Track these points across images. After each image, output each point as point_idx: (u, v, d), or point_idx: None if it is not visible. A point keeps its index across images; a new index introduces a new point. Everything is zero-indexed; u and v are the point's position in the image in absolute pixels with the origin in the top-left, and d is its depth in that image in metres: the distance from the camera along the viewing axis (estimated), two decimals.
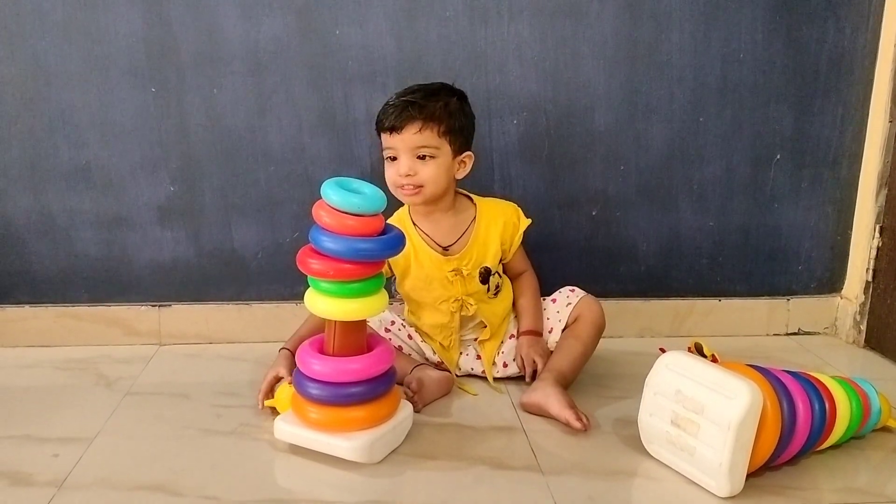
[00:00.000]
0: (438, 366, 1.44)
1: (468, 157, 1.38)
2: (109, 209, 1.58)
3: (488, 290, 1.42)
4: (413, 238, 1.40)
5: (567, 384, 1.34)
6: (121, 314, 1.61)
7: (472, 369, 1.45)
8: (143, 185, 1.57)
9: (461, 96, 1.38)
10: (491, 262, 1.42)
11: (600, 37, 1.56)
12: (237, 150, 1.57)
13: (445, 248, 1.41)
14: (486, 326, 1.44)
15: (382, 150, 1.37)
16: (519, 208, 1.46)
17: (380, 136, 1.37)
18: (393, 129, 1.32)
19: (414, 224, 1.42)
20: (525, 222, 1.45)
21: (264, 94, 1.55)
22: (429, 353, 1.45)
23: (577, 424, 1.23)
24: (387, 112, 1.33)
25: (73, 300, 1.61)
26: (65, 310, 1.60)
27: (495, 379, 1.43)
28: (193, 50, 1.52)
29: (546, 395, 1.28)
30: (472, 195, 1.46)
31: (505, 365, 1.44)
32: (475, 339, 1.46)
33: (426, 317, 1.44)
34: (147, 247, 1.60)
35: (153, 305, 1.62)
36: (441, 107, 1.33)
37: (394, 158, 1.34)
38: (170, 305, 1.62)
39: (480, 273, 1.41)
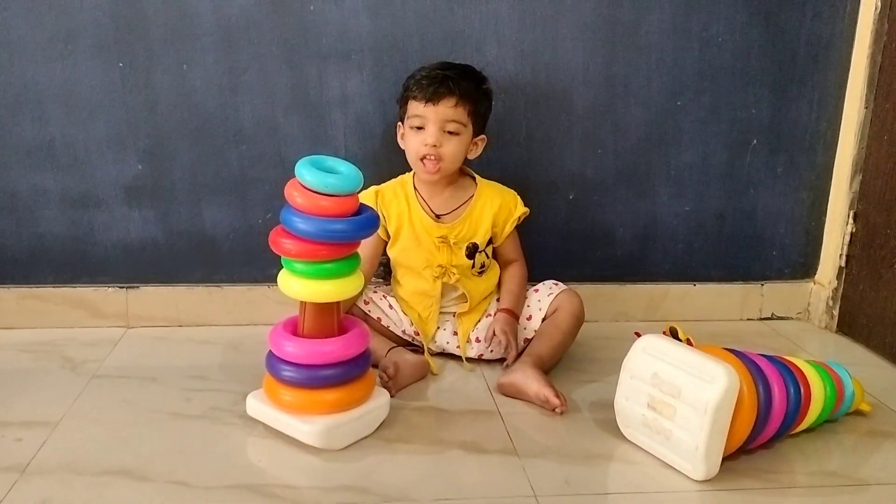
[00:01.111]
0: (415, 338, 1.44)
1: (481, 140, 1.44)
2: (75, 188, 1.53)
3: (473, 266, 1.43)
4: (410, 200, 1.44)
5: (546, 370, 1.34)
6: (87, 296, 1.57)
7: (448, 343, 1.45)
8: (109, 163, 1.52)
9: (487, 83, 1.43)
10: (480, 239, 1.43)
11: (579, 18, 1.55)
12: (208, 128, 1.53)
13: (438, 217, 1.43)
14: (466, 301, 1.43)
15: (406, 119, 1.39)
16: (518, 197, 1.48)
17: (405, 104, 1.39)
18: (429, 100, 1.34)
19: (414, 188, 1.45)
20: (521, 210, 1.47)
21: (236, 71, 1.51)
22: (406, 325, 1.45)
23: (556, 400, 1.23)
24: (421, 83, 1.36)
25: (37, 281, 1.56)
26: (29, 291, 1.56)
27: (467, 358, 1.43)
28: (163, 24, 1.47)
29: (525, 375, 1.28)
30: (476, 175, 1.48)
31: (478, 340, 1.44)
32: (454, 315, 1.46)
33: (409, 283, 1.45)
34: (114, 226, 1.56)
35: (120, 287, 1.58)
36: (473, 88, 1.38)
37: (420, 128, 1.37)
38: (138, 287, 1.58)
39: (467, 248, 1.42)
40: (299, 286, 1.11)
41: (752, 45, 1.60)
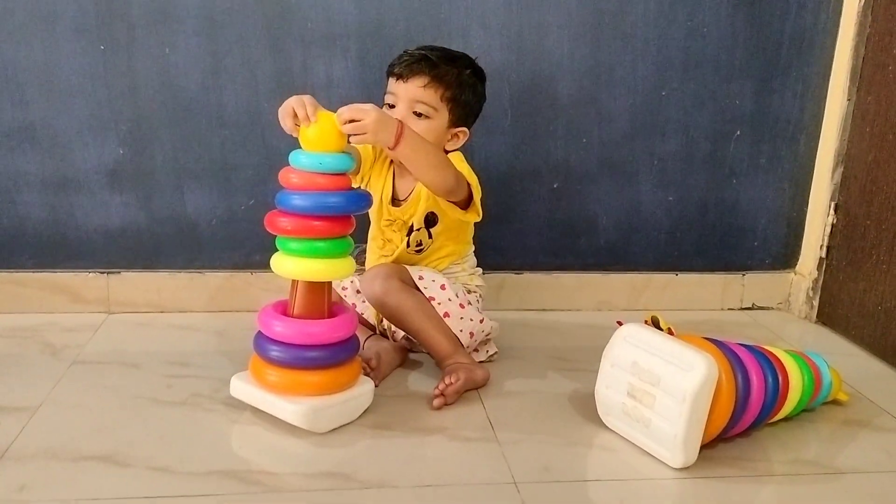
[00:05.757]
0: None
1: (462, 133, 1.37)
2: (55, 171, 1.51)
3: (408, 245, 1.38)
4: (387, 177, 1.40)
5: (458, 355, 1.31)
6: (68, 281, 1.56)
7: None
8: (91, 146, 1.51)
9: (479, 74, 1.37)
10: (417, 218, 1.37)
11: (565, 6, 1.54)
12: (190, 112, 1.52)
13: (398, 200, 1.39)
14: None
15: (385, 95, 1.35)
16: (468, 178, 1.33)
17: (388, 79, 1.35)
18: (400, 76, 1.31)
19: (391, 162, 1.40)
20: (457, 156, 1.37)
21: (219, 54, 1.49)
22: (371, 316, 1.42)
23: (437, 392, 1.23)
24: (401, 58, 1.33)
25: (17, 266, 1.55)
26: (8, 275, 1.54)
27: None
28: (145, 6, 1.46)
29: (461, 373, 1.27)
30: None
31: None
32: None
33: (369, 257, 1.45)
34: (95, 211, 1.54)
35: (101, 272, 1.57)
36: (454, 73, 1.32)
37: (392, 106, 1.33)
38: (119, 272, 1.57)
39: (408, 229, 1.38)
40: (292, 265, 1.12)
41: (737, 35, 1.60)
